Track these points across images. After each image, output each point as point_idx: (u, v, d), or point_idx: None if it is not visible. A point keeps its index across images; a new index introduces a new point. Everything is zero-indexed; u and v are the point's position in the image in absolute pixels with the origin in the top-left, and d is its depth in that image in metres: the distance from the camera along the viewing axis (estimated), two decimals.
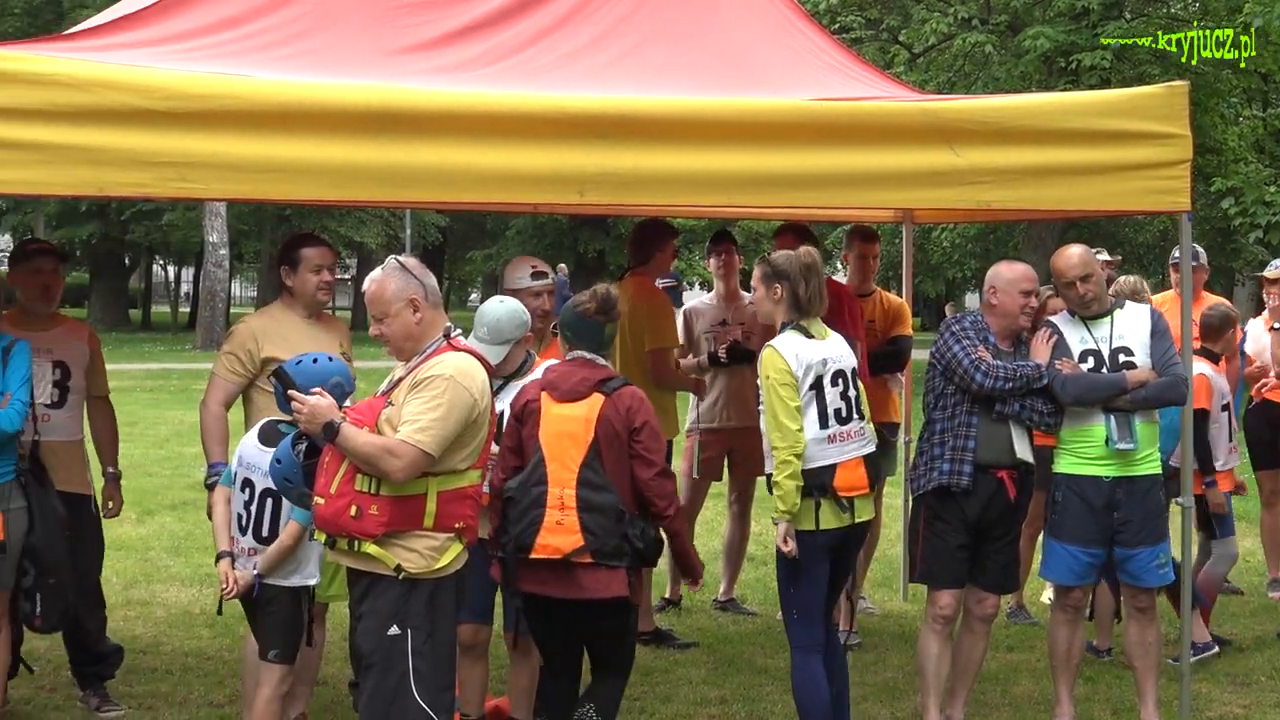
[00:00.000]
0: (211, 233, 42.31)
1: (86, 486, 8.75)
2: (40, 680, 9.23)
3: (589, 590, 7.08)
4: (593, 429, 7.09)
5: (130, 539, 13.58)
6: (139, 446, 19.32)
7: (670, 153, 7.23)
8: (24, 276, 8.65)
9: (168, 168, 6.70)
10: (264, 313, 8.28)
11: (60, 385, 8.54)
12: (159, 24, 7.51)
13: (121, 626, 10.31)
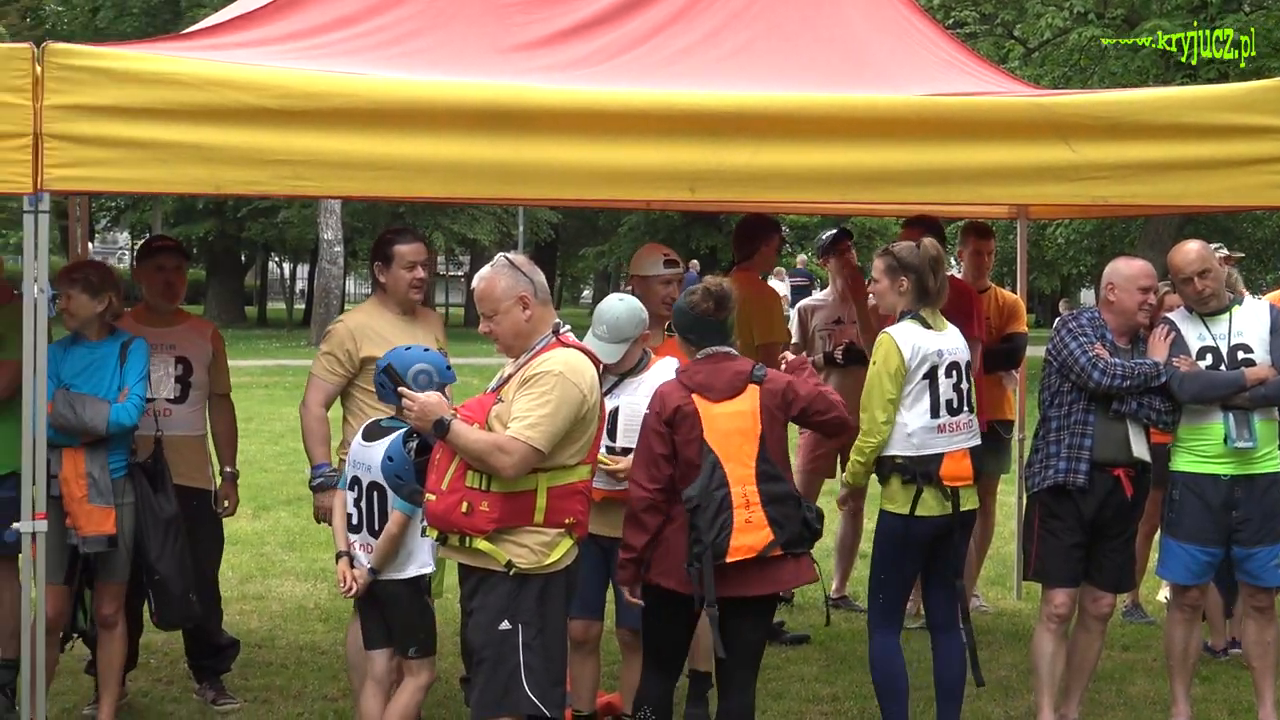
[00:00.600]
0: (326, 230, 42.59)
1: (207, 482, 8.84)
2: (158, 673, 9.34)
3: (785, 581, 7.16)
4: (758, 420, 7.07)
5: (246, 534, 13.70)
6: (254, 442, 19.47)
7: (782, 149, 7.20)
8: (147, 273, 8.76)
9: (283, 166, 6.75)
10: (359, 311, 8.27)
11: (182, 381, 8.63)
12: (275, 23, 7.56)
13: (237, 620, 10.41)
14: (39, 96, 6.51)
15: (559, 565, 6.46)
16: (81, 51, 6.68)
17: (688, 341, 7.32)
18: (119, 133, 6.60)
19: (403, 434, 6.81)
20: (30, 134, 6.51)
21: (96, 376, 7.87)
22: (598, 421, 6.53)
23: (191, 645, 9.02)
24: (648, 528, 7.05)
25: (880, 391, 7.59)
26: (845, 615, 11.09)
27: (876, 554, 7.85)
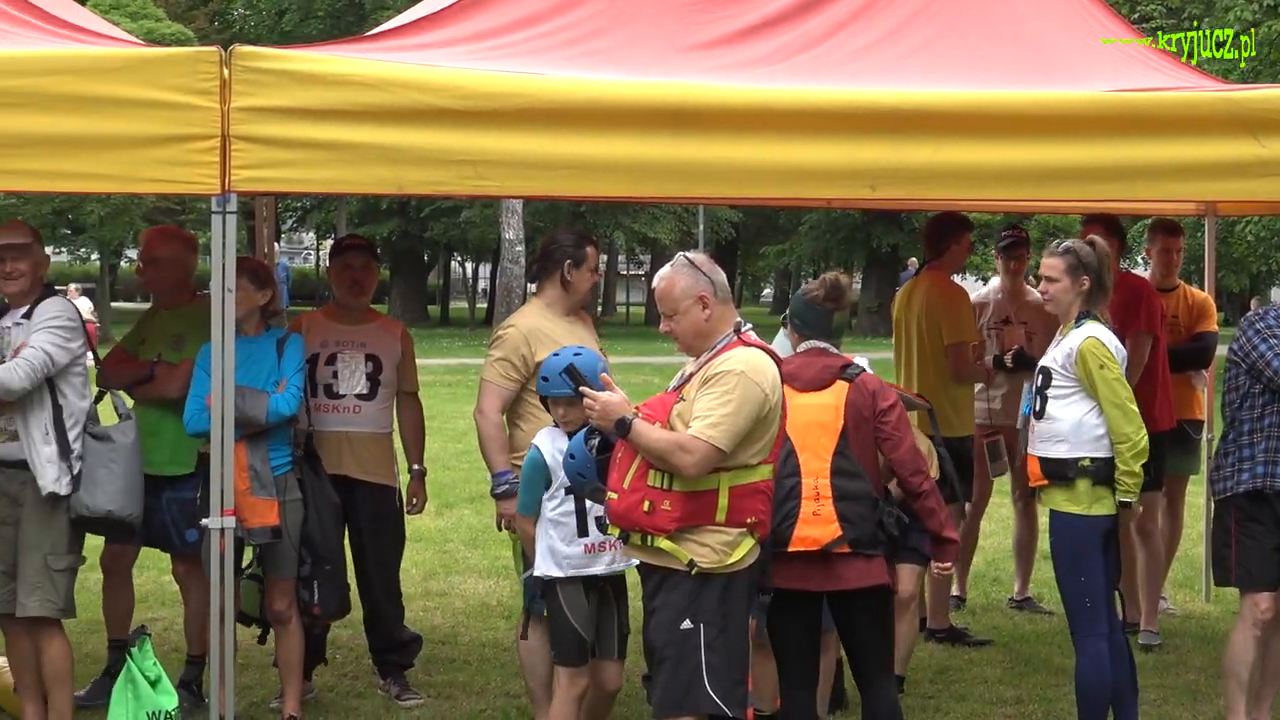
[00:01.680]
0: (508, 229, 42.85)
1: (392, 479, 8.93)
2: (343, 668, 9.44)
3: (849, 580, 7.02)
4: (841, 416, 7.03)
5: (429, 531, 13.83)
6: (438, 440, 19.62)
7: (964, 146, 7.12)
8: (336, 271, 8.89)
9: (465, 166, 6.79)
10: (528, 314, 8.24)
11: (371, 378, 8.73)
12: (458, 24, 7.61)
13: (420, 617, 10.51)
14: (226, 99, 6.60)
15: (741, 565, 6.43)
16: (268, 54, 6.77)
17: (794, 328, 7.35)
18: (304, 134, 6.68)
19: (585, 432, 6.83)
20: (218, 136, 6.60)
21: (255, 369, 7.99)
22: (780, 421, 6.50)
23: (376, 641, 9.12)
24: None
25: (1124, 391, 7.54)
26: (1029, 617, 10.97)
27: (1067, 559, 7.71)
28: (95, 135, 6.57)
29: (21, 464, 7.51)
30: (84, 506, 7.52)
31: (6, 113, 6.48)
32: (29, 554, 7.55)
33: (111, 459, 7.60)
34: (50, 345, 7.47)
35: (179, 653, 8.97)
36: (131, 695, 7.44)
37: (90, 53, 6.77)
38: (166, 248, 8.79)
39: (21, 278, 7.64)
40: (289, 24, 53.41)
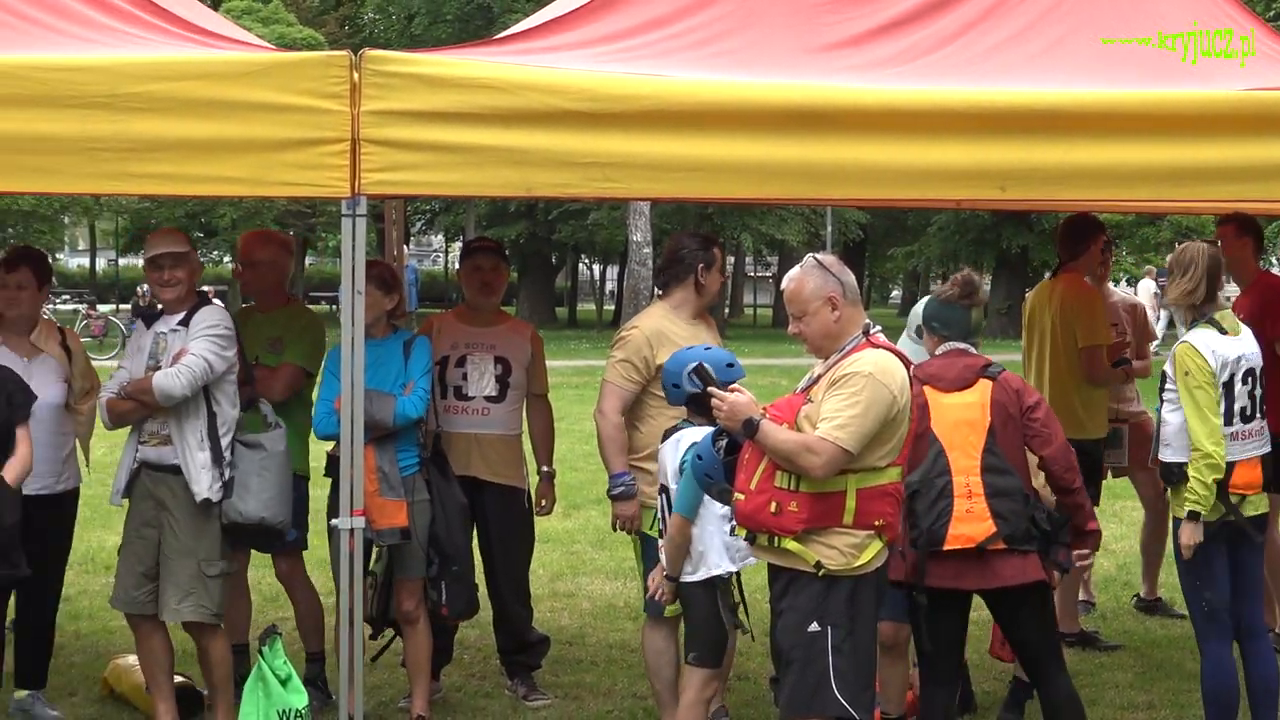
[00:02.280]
0: (635, 231, 42.89)
1: (521, 481, 8.96)
2: (470, 668, 9.49)
3: (1006, 577, 7.01)
4: (988, 413, 7.03)
5: (556, 532, 13.86)
6: (565, 442, 19.64)
7: (1095, 147, 7.04)
8: (467, 273, 8.94)
9: (593, 168, 6.80)
10: (652, 316, 8.26)
11: (501, 380, 8.77)
12: (586, 26, 7.61)
13: (548, 618, 10.54)
14: (357, 103, 6.65)
15: (869, 567, 6.41)
16: (397, 58, 6.81)
17: (930, 330, 7.36)
18: (433, 137, 6.71)
19: (712, 433, 6.82)
20: (348, 139, 6.65)
21: (382, 372, 8.06)
22: (909, 423, 6.46)
23: (504, 641, 9.15)
24: None
25: (1206, 401, 7.42)
26: (1161, 622, 10.84)
27: (1182, 564, 7.65)
28: (228, 139, 6.64)
29: (172, 469, 7.64)
30: (237, 513, 7.64)
31: (141, 117, 6.56)
32: (182, 560, 7.68)
33: (264, 466, 7.72)
34: (209, 353, 7.59)
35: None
36: (262, 694, 7.52)
37: (223, 58, 6.83)
38: (264, 250, 8.89)
39: (179, 285, 7.80)
40: (418, 28, 53.80)
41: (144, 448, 7.78)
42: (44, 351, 8.39)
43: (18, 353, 8.30)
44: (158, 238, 7.96)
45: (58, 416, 8.37)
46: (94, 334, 40.75)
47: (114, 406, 7.81)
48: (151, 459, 7.74)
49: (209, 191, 7.15)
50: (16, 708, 8.48)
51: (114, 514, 13.74)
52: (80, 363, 8.60)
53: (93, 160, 6.61)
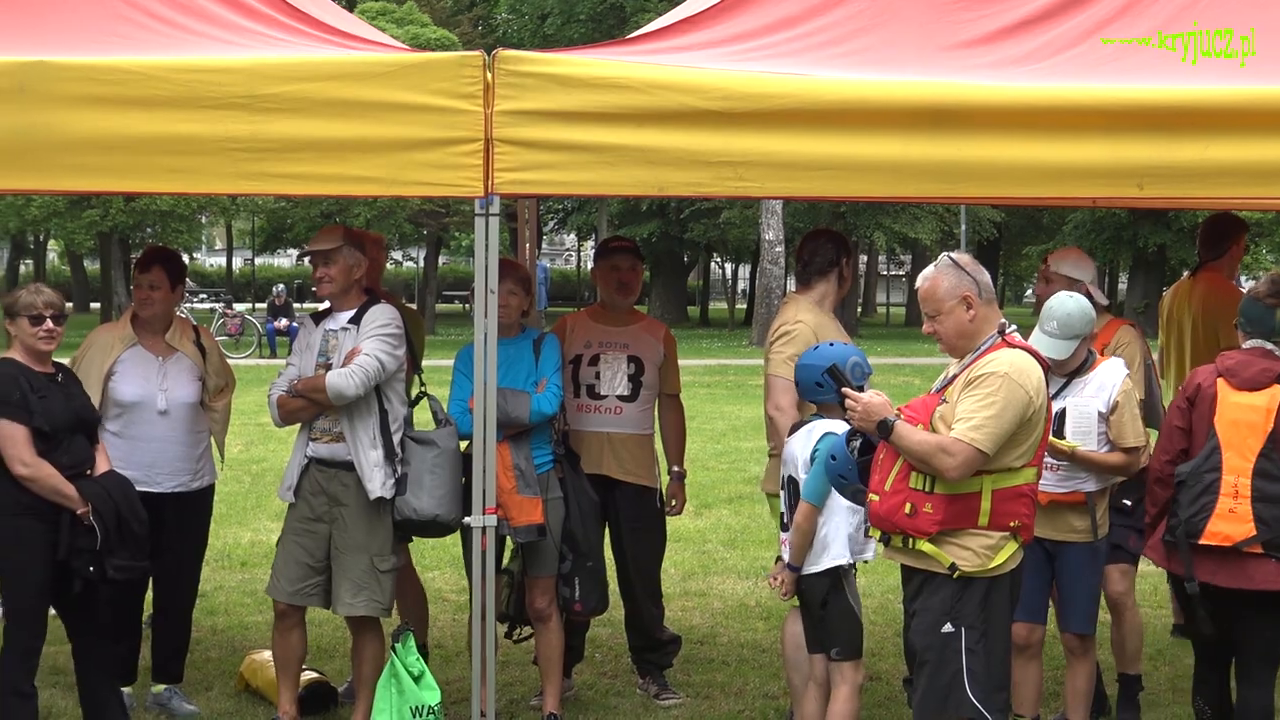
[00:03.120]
0: (768, 230, 42.88)
1: (653, 480, 8.96)
2: (602, 667, 9.51)
3: (1258, 581, 6.97)
4: (1272, 419, 6.96)
5: (688, 531, 13.86)
6: (696, 441, 19.70)
7: (1235, 143, 6.93)
8: (604, 273, 8.94)
9: (725, 167, 6.79)
10: (805, 309, 8.23)
11: (633, 380, 8.78)
12: (718, 25, 7.60)
13: (679, 617, 10.54)
14: (490, 103, 6.68)
15: (1004, 569, 6.36)
16: (530, 58, 6.84)
17: (1240, 327, 7.34)
18: (566, 136, 6.73)
19: (846, 433, 6.80)
20: (481, 139, 6.68)
21: (514, 371, 8.09)
22: (1044, 423, 6.40)
23: (635, 640, 9.16)
24: (1156, 500, 7.19)
25: None
26: None
27: None
28: (363, 139, 6.70)
29: (345, 465, 7.75)
30: (411, 510, 7.73)
31: (278, 118, 6.63)
32: (354, 555, 7.79)
33: (436, 463, 7.79)
34: (381, 353, 7.69)
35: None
36: (396, 690, 7.57)
37: (358, 59, 6.89)
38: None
39: (333, 282, 7.87)
40: (551, 28, 53.98)
41: (315, 444, 7.88)
42: (179, 350, 8.50)
43: (153, 352, 8.42)
44: (316, 237, 8.06)
45: (193, 414, 8.47)
46: (230, 333, 41.25)
47: (284, 404, 7.91)
48: (324, 456, 7.85)
49: (344, 191, 7.20)
50: (154, 701, 8.60)
51: (249, 510, 13.95)
52: (214, 360, 8.70)
53: (230, 160, 6.68)
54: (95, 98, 6.57)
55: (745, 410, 24.05)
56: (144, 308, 8.48)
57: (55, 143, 6.60)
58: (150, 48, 6.88)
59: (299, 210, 47.39)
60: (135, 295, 8.50)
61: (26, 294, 7.56)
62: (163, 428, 8.35)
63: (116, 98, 6.58)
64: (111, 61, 6.68)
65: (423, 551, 10.34)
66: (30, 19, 7.16)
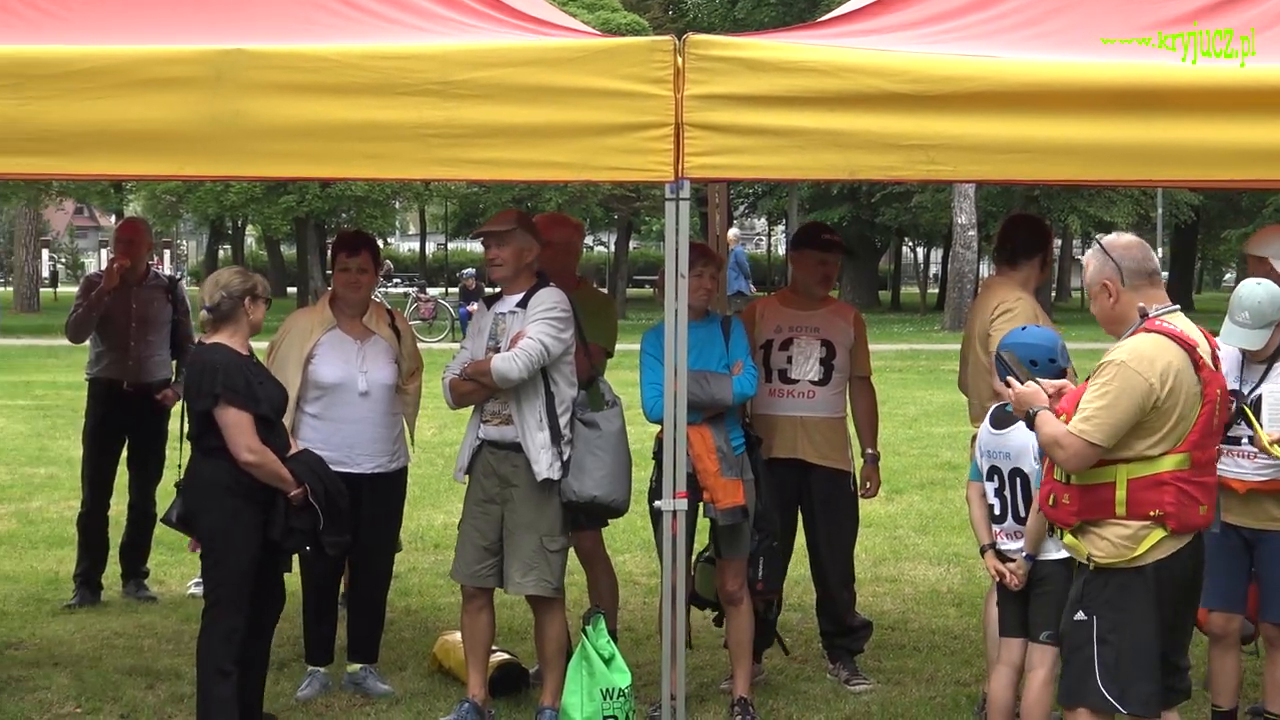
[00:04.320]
0: (960, 214, 42.57)
1: (846, 463, 8.94)
2: (793, 651, 9.49)
3: None
4: None
5: (879, 516, 13.80)
6: (888, 426, 19.52)
7: None
8: (809, 264, 8.95)
9: (916, 150, 6.74)
10: (1014, 289, 8.18)
11: (825, 363, 8.77)
12: (909, 8, 7.56)
13: (870, 602, 10.49)
14: (680, 87, 6.69)
15: (1147, 559, 6.23)
16: (720, 42, 6.84)
17: None
18: (756, 120, 6.72)
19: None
20: (672, 123, 6.69)
21: (707, 353, 8.09)
22: (1201, 411, 6.23)
23: (826, 625, 9.14)
24: None
25: None
26: None
27: None
28: (554, 124, 6.74)
29: (514, 446, 7.86)
30: (572, 493, 7.84)
31: (469, 104, 6.69)
32: (524, 535, 7.87)
33: (599, 446, 7.87)
34: (546, 337, 7.75)
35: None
36: (586, 672, 7.62)
37: (549, 44, 6.93)
38: (558, 232, 8.96)
39: (504, 265, 7.95)
40: (741, 11, 53.95)
41: (486, 426, 7.98)
42: (375, 333, 8.61)
43: (351, 335, 8.53)
44: (491, 219, 8.13)
45: (390, 396, 8.58)
46: (423, 317, 41.72)
47: (456, 387, 8.01)
48: (494, 437, 7.94)
49: (535, 176, 7.25)
50: (349, 680, 8.73)
51: (442, 493, 14.12)
52: (408, 344, 8.81)
53: (424, 146, 6.75)
54: (291, 85, 6.67)
55: (937, 395, 23.89)
56: (353, 290, 8.61)
57: (252, 130, 6.70)
58: (344, 35, 6.98)
59: (491, 195, 47.81)
60: (342, 279, 8.61)
61: (260, 278, 7.77)
62: (363, 409, 8.46)
63: (312, 85, 6.68)
64: (307, 49, 6.78)
65: (614, 535, 10.38)
66: (227, 8, 7.30)
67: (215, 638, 7.58)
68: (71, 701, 8.42)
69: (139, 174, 9.01)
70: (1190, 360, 6.22)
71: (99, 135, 6.71)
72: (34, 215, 54.11)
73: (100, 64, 6.67)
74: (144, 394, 10.65)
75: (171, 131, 6.70)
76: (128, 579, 10.99)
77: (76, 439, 11.45)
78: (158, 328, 10.77)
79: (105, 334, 10.64)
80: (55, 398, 23.81)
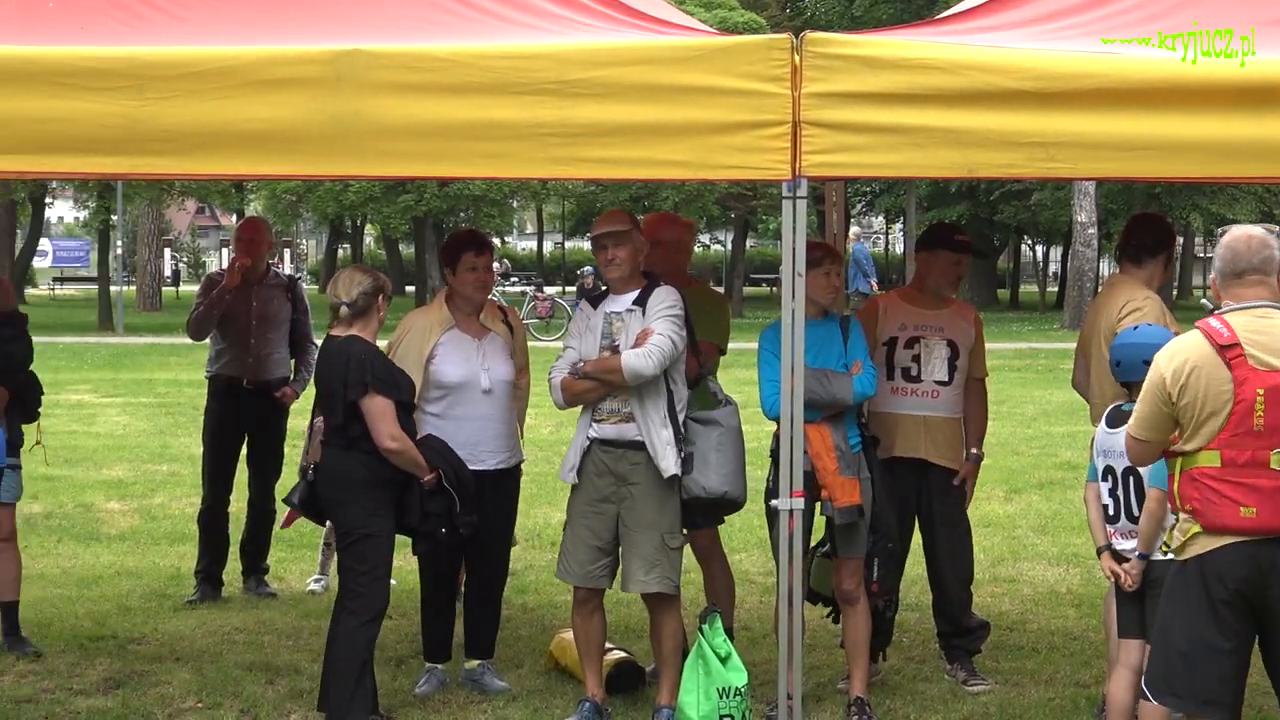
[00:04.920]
0: (1080, 212, 42.20)
1: (961, 465, 8.89)
2: (910, 651, 9.45)
3: None
4: None
5: (997, 516, 13.72)
6: (1006, 425, 19.47)
7: None
8: (941, 264, 8.90)
9: (1036, 148, 6.69)
10: (1138, 288, 8.15)
11: (950, 364, 8.73)
12: (1028, 5, 7.52)
13: (988, 603, 10.42)
14: (798, 85, 6.68)
15: (1186, 552, 6.29)
16: (838, 40, 6.82)
17: None
18: (874, 118, 6.70)
19: None
20: (789, 122, 6.68)
21: (826, 352, 8.07)
22: (1231, 410, 6.17)
23: (944, 625, 9.09)
24: None
25: None
26: None
27: None
28: (671, 123, 6.74)
29: (633, 445, 7.87)
30: (700, 488, 7.84)
31: (587, 103, 6.71)
32: (646, 533, 7.89)
33: (721, 442, 7.90)
34: (673, 333, 7.79)
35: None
36: (703, 671, 7.62)
37: (666, 43, 6.93)
38: (670, 231, 8.97)
39: (622, 264, 7.97)
40: (859, 9, 53.79)
41: (601, 425, 7.98)
42: (492, 330, 8.65)
43: (470, 333, 8.57)
44: (603, 219, 8.14)
45: (510, 393, 8.63)
46: (540, 315, 41.89)
47: (570, 386, 8.01)
48: (611, 436, 7.95)
49: (652, 175, 7.26)
50: (466, 677, 8.77)
51: (559, 491, 14.12)
52: (519, 340, 8.85)
53: (542, 146, 6.77)
54: (410, 85, 6.72)
55: (1056, 394, 23.68)
56: (481, 291, 8.66)
57: (371, 130, 6.75)
58: (461, 34, 7.02)
59: (608, 194, 47.90)
60: (470, 279, 8.61)
61: (385, 277, 7.98)
62: (486, 406, 8.50)
63: (430, 84, 6.72)
64: (425, 49, 6.82)
65: (730, 534, 10.37)
66: (345, 8, 7.36)
67: (354, 627, 7.71)
68: (193, 696, 8.51)
69: (259, 174, 9.10)
70: (1222, 359, 6.22)
71: (220, 135, 6.78)
72: (156, 215, 54.74)
73: (221, 65, 6.74)
74: (263, 392, 10.76)
75: (292, 131, 6.77)
76: (248, 575, 11.11)
77: (197, 436, 11.59)
78: (277, 326, 10.87)
79: (226, 332, 10.75)
80: (177, 395, 24.12)
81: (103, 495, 15.07)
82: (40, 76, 6.74)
